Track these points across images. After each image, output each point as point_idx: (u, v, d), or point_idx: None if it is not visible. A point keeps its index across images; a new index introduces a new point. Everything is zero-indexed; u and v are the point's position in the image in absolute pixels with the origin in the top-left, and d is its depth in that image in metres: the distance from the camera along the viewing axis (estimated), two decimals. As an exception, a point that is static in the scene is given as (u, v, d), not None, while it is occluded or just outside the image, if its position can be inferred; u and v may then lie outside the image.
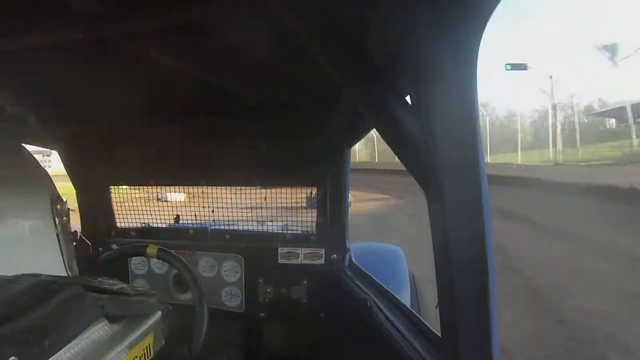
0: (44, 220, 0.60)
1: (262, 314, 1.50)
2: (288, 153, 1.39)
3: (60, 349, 0.46)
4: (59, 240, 0.63)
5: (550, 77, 16.58)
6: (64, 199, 0.69)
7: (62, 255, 0.64)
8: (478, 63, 0.44)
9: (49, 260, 0.60)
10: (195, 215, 1.60)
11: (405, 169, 0.56)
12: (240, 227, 1.61)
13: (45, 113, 1.20)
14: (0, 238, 0.52)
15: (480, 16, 0.41)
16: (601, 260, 4.77)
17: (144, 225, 1.61)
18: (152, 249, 1.21)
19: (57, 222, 0.62)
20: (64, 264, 0.65)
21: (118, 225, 1.61)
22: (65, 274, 0.70)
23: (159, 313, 0.70)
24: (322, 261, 1.47)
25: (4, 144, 0.60)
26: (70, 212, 0.79)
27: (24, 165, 0.60)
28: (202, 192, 1.50)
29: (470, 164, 0.47)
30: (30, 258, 0.56)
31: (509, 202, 7.55)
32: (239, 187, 1.49)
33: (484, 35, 0.43)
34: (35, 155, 0.89)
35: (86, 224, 1.60)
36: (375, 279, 1.18)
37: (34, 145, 1.40)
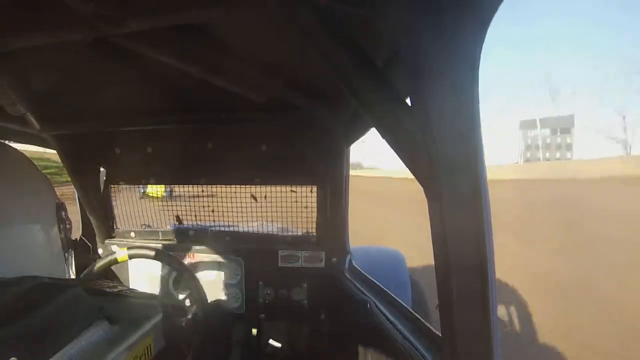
0: (51, 227, 0.61)
1: (262, 315, 1.50)
2: (288, 153, 1.39)
3: (61, 350, 0.46)
4: (63, 245, 0.63)
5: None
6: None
7: (65, 259, 0.65)
8: (480, 63, 0.44)
9: (54, 264, 0.61)
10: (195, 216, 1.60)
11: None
12: (241, 229, 1.61)
13: (45, 113, 1.20)
14: (10, 244, 0.52)
15: (483, 16, 0.41)
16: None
17: (144, 226, 1.61)
18: (122, 257, 1.20)
19: (61, 228, 0.63)
20: (67, 268, 0.66)
21: (119, 226, 1.61)
22: (68, 277, 0.71)
23: (159, 314, 0.70)
24: (322, 264, 1.47)
25: (10, 155, 0.60)
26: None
27: (30, 175, 0.61)
28: (202, 191, 1.50)
29: (470, 164, 0.47)
30: (38, 262, 0.57)
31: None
32: (238, 187, 1.49)
33: (486, 35, 0.43)
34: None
35: (87, 225, 1.59)
36: (375, 281, 1.18)
37: (34, 145, 1.40)
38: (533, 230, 7.34)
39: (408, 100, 0.52)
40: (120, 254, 1.21)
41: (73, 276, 0.76)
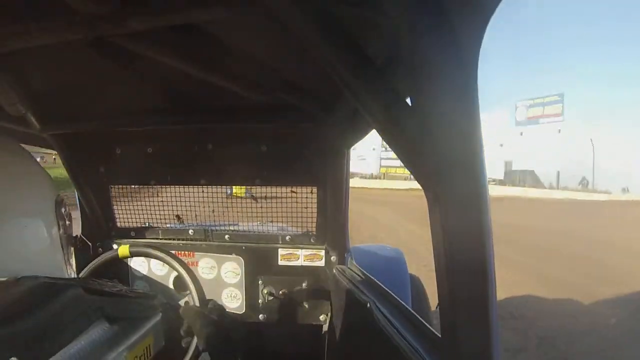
0: (50, 224, 0.60)
1: (262, 315, 1.50)
2: (288, 153, 1.39)
3: (61, 349, 0.46)
4: (61, 242, 0.62)
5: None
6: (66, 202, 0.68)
7: (64, 257, 0.64)
8: (479, 63, 0.44)
9: (51, 263, 0.60)
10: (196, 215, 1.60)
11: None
12: (240, 228, 1.61)
13: (45, 113, 1.20)
14: (6, 240, 0.52)
15: (482, 16, 0.41)
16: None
17: (144, 225, 1.61)
18: (123, 249, 1.17)
19: (60, 225, 0.62)
20: (65, 266, 0.65)
21: (118, 225, 1.61)
22: (66, 276, 0.70)
23: (159, 314, 0.70)
24: (322, 262, 1.47)
25: (8, 147, 0.59)
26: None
27: (28, 168, 0.60)
28: (202, 191, 1.50)
29: (470, 164, 0.47)
30: (34, 260, 0.56)
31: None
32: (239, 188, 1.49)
33: (485, 35, 0.42)
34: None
35: (86, 224, 1.60)
36: (375, 280, 1.18)
37: (34, 145, 1.40)
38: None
39: (408, 100, 0.52)
40: (122, 250, 1.18)
41: (73, 275, 0.75)
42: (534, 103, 36.44)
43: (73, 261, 0.69)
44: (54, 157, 1.56)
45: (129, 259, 1.49)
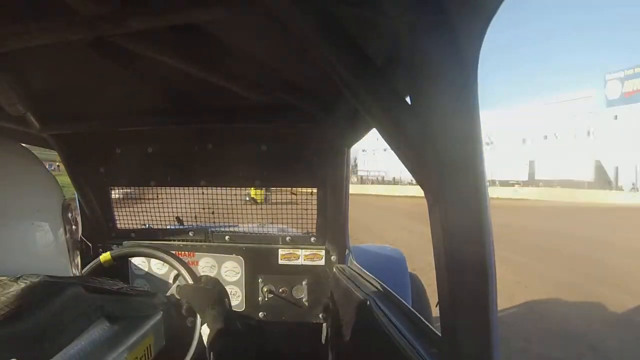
0: (56, 227, 0.59)
1: (262, 313, 1.50)
2: (288, 153, 1.39)
3: (61, 349, 0.46)
4: (67, 246, 0.62)
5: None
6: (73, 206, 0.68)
7: (70, 261, 0.64)
8: (479, 63, 0.44)
9: (56, 266, 0.59)
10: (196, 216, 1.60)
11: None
12: (241, 228, 1.61)
13: (45, 113, 1.20)
14: (8, 242, 0.52)
15: (482, 16, 0.41)
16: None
17: (144, 226, 1.61)
18: (105, 257, 1.13)
19: (66, 229, 0.61)
20: (71, 271, 0.65)
21: (118, 226, 1.61)
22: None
23: (160, 313, 0.70)
24: (322, 262, 1.47)
25: (10, 148, 0.59)
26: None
27: (32, 169, 0.59)
28: (202, 192, 1.50)
29: (470, 164, 0.47)
30: (42, 264, 0.55)
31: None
32: (239, 188, 1.49)
33: (485, 35, 0.42)
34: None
35: (86, 225, 1.60)
36: (375, 279, 1.18)
37: (34, 145, 1.40)
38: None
39: (408, 100, 0.52)
40: (103, 257, 1.14)
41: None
42: (632, 74, 26.31)
43: (79, 265, 0.69)
44: (57, 164, 1.55)
45: (129, 258, 1.50)
